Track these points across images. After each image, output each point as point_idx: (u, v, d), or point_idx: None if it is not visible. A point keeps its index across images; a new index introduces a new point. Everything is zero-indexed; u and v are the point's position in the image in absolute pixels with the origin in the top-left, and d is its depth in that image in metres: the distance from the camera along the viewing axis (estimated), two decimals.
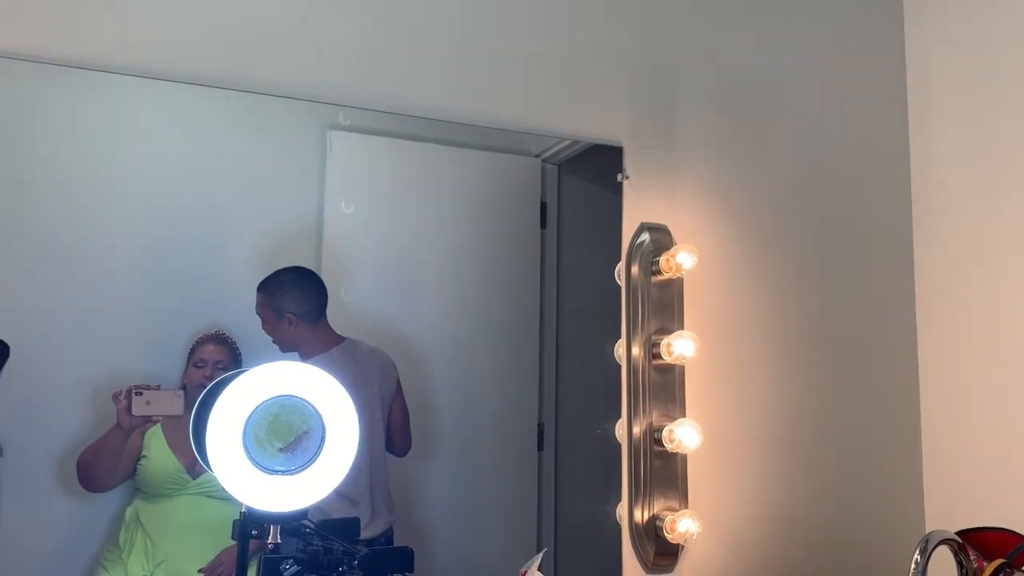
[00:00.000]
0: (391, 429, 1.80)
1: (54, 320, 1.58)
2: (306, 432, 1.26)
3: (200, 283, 1.68)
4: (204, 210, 1.70)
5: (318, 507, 1.28)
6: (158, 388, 1.60)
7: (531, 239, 1.99)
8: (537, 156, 2.01)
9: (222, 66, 1.73)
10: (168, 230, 1.66)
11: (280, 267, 1.72)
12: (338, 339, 1.76)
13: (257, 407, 1.24)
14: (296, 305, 1.73)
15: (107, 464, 1.59)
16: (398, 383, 1.81)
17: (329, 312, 1.76)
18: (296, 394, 1.26)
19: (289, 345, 1.72)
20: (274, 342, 1.70)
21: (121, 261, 1.63)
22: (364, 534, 1.55)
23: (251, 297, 1.69)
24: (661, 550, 1.94)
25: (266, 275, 1.70)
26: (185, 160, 1.70)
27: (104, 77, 1.63)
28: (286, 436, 1.25)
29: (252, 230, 1.72)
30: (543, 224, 2.00)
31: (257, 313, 1.69)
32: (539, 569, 1.65)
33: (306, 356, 1.71)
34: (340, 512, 1.48)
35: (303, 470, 1.25)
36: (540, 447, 1.95)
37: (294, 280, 1.74)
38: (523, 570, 1.65)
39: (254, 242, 1.72)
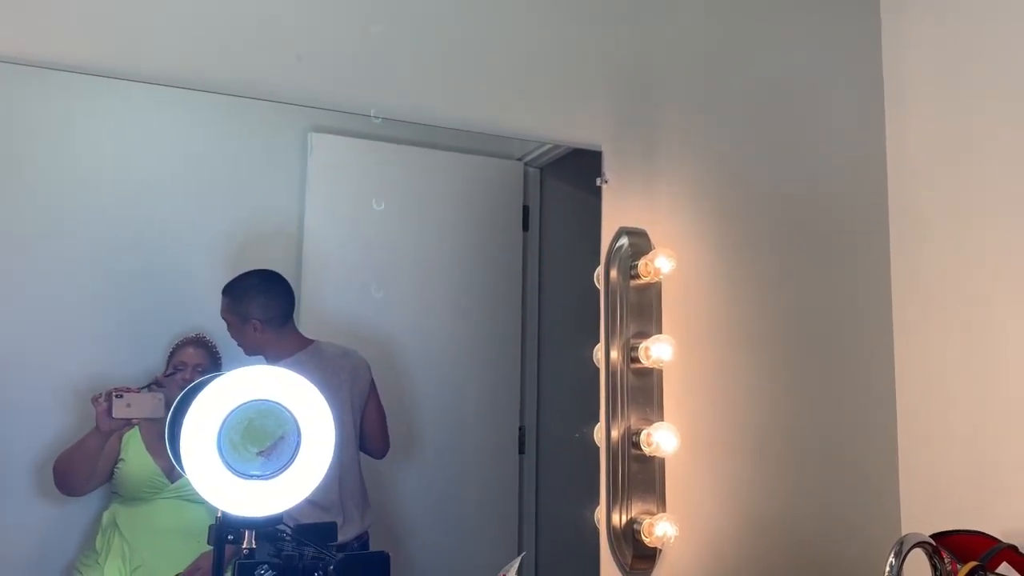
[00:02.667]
0: (366, 431, 1.79)
1: (33, 322, 1.57)
2: (282, 437, 1.26)
3: (180, 286, 1.68)
4: (184, 212, 1.69)
5: (288, 514, 1.27)
6: (138, 391, 1.59)
7: (513, 242, 1.99)
8: (519, 159, 2.01)
9: (200, 68, 1.72)
10: (148, 232, 1.66)
11: (249, 270, 1.71)
12: (305, 342, 1.75)
13: (232, 411, 1.23)
14: (261, 310, 1.71)
15: (85, 468, 1.58)
16: (372, 384, 1.80)
17: (311, 314, 1.75)
18: (271, 398, 1.26)
19: (254, 350, 1.70)
20: (239, 346, 1.69)
21: (101, 264, 1.62)
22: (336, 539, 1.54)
23: None
24: (639, 554, 1.94)
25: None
26: (165, 162, 1.69)
27: (81, 79, 1.62)
28: (261, 440, 1.24)
29: (232, 232, 1.72)
30: (525, 227, 2.00)
31: (222, 317, 1.68)
32: (518, 573, 1.65)
33: (271, 361, 1.70)
34: (310, 519, 1.46)
35: (278, 475, 1.25)
36: (521, 450, 1.95)
37: (259, 285, 1.72)
38: (501, 573, 1.65)
39: (234, 244, 1.71)
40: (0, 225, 1.56)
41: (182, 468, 1.24)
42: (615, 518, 1.94)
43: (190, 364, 1.64)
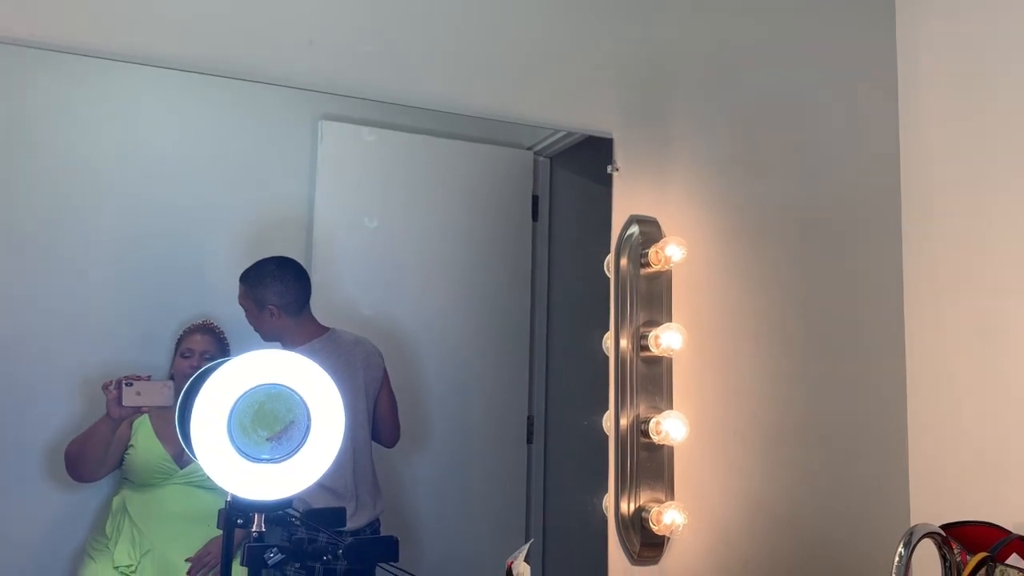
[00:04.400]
0: (378, 419, 1.80)
1: (43, 309, 1.58)
2: (292, 422, 1.26)
3: (188, 272, 1.68)
4: (193, 199, 1.69)
5: (300, 499, 1.28)
6: (148, 379, 1.60)
7: (522, 231, 1.99)
8: (529, 149, 2.01)
9: (210, 52, 1.72)
10: (156, 219, 1.66)
11: (264, 257, 1.72)
12: (321, 330, 1.76)
13: (242, 395, 1.24)
14: (277, 297, 1.72)
15: (96, 454, 1.59)
16: (384, 373, 1.81)
17: (320, 302, 1.75)
18: (282, 382, 1.26)
19: (271, 336, 1.72)
20: (256, 331, 1.70)
21: (110, 250, 1.63)
22: (348, 525, 1.55)
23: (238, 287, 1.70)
24: (647, 541, 1.94)
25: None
26: (173, 148, 1.69)
27: (90, 63, 1.62)
28: (271, 424, 1.25)
29: (241, 220, 1.72)
30: (535, 217, 2.00)
31: (240, 304, 1.69)
32: (525, 560, 1.65)
33: (288, 347, 1.71)
34: (323, 504, 1.47)
35: (288, 459, 1.25)
36: (530, 439, 1.95)
37: (275, 271, 1.73)
38: (509, 561, 1.65)
39: (243, 232, 1.71)
40: (11, 213, 1.57)
41: (192, 451, 1.25)
42: (623, 506, 1.94)
43: (197, 351, 1.64)
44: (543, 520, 1.94)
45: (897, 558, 1.65)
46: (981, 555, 1.71)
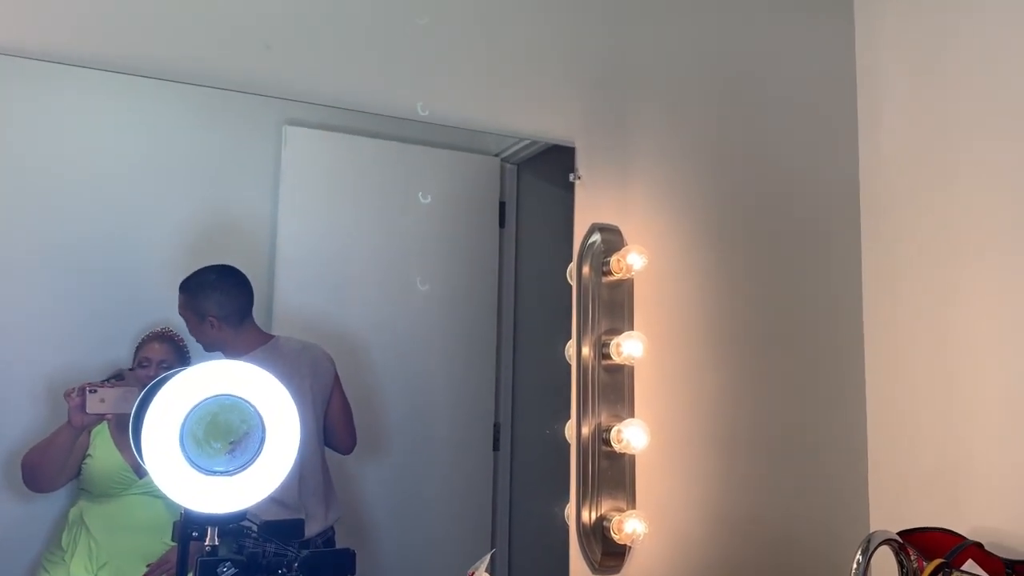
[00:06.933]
0: (330, 426, 1.78)
1: (2, 317, 1.55)
2: (247, 433, 1.25)
3: (149, 279, 1.66)
4: (156, 205, 1.67)
5: (249, 511, 1.26)
6: (112, 386, 1.58)
7: (489, 238, 1.99)
8: (496, 155, 2.01)
9: (167, 56, 1.70)
10: (118, 225, 1.64)
11: (204, 265, 1.69)
12: (264, 338, 1.73)
13: (195, 407, 1.22)
14: (218, 308, 1.69)
15: (56, 463, 1.56)
16: (335, 379, 1.78)
17: (284, 309, 1.74)
18: (235, 393, 1.25)
19: (212, 347, 1.68)
20: (198, 342, 1.67)
21: (69, 257, 1.60)
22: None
23: None
24: (608, 551, 1.94)
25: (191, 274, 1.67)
26: (135, 153, 1.67)
27: (46, 67, 1.59)
28: (225, 436, 1.24)
29: (203, 226, 1.70)
30: (502, 223, 2.00)
31: (180, 314, 1.66)
32: (487, 570, 1.65)
33: (230, 358, 1.67)
34: (271, 516, 1.44)
35: (242, 471, 1.24)
36: (496, 447, 1.95)
37: (215, 281, 1.69)
38: (471, 571, 1.65)
39: (206, 238, 1.69)
40: None
41: (144, 463, 1.23)
42: (585, 515, 1.94)
43: (155, 360, 1.62)
44: (509, 529, 1.94)
45: (855, 564, 1.66)
46: (937, 561, 1.73)
